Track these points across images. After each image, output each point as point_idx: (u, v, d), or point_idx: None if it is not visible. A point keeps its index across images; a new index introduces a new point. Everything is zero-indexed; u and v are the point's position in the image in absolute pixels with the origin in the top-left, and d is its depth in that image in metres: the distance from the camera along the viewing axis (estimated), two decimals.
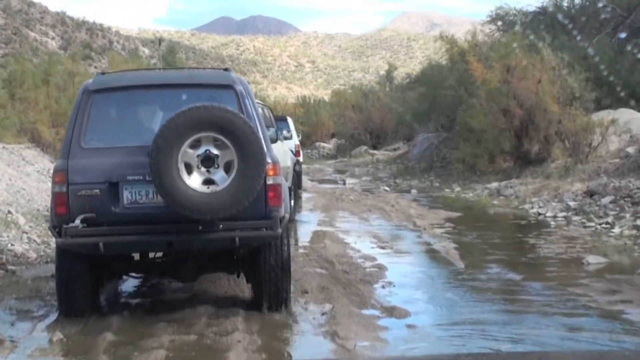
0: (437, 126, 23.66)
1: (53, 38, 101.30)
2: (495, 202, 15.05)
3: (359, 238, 10.58)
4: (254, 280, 6.15)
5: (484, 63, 19.80)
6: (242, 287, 7.06)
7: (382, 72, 57.35)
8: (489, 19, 32.02)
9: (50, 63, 21.59)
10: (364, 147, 36.38)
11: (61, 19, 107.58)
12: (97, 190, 5.43)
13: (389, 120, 37.25)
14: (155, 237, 5.47)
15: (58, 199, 5.48)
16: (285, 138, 12.97)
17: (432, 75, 26.22)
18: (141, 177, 5.43)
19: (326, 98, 66.63)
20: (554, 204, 13.53)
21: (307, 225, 12.21)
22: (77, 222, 5.33)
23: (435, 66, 27.40)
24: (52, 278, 7.60)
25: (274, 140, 9.81)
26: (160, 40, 25.96)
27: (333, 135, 45.88)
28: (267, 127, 10.01)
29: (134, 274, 6.71)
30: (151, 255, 6.49)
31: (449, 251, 9.23)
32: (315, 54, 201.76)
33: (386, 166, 28.04)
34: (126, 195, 5.48)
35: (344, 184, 21.77)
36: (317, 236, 10.71)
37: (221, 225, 5.40)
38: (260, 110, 12.20)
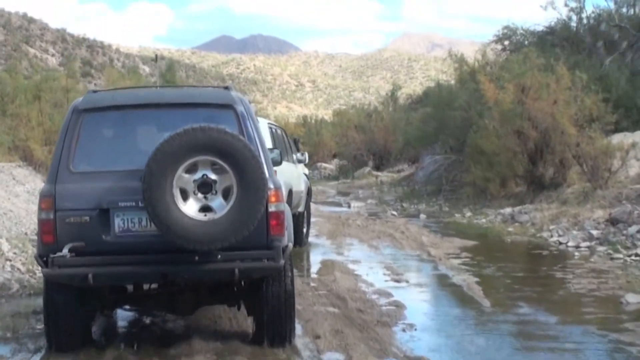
0: (446, 148, 22.86)
1: (53, 55, 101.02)
2: (510, 229, 14.26)
3: (371, 269, 9.78)
4: (255, 313, 5.78)
5: (496, 83, 19.09)
6: (244, 327, 6.34)
7: (384, 92, 56.85)
8: (495, 38, 31.37)
9: (44, 78, 20.82)
10: (367, 168, 35.66)
11: (61, 36, 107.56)
12: (87, 217, 5.11)
13: (393, 141, 36.57)
14: (149, 268, 5.10)
15: (45, 226, 5.14)
16: (299, 161, 12.33)
17: (440, 95, 25.47)
18: (134, 204, 5.09)
19: (327, 118, 66.04)
20: (574, 232, 12.74)
21: (313, 253, 11.44)
22: (65, 251, 4.99)
23: (444, 86, 26.64)
24: (33, 315, 6.96)
25: (277, 163, 9.35)
26: (157, 56, 25.34)
27: (335, 156, 45.18)
28: (274, 149, 9.44)
29: (127, 307, 6.27)
30: (146, 286, 5.99)
31: (470, 286, 8.43)
32: (315, 73, 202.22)
33: (391, 188, 27.24)
34: (117, 223, 5.13)
35: (349, 207, 21.03)
36: (325, 267, 9.93)
37: (219, 256, 5.05)
38: (278, 132, 11.82)
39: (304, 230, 12.08)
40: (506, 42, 30.79)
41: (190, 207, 4.93)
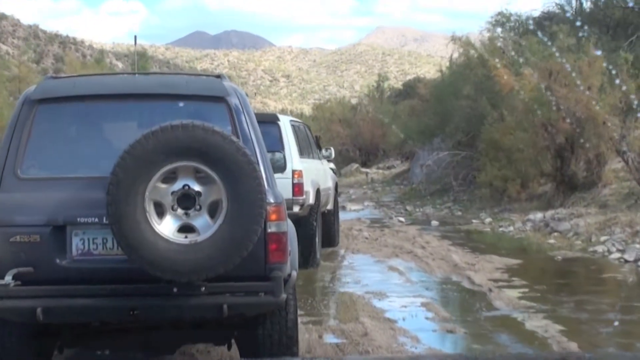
0: (453, 142, 20.54)
1: (25, 52, 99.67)
2: (551, 240, 11.94)
3: (406, 308, 7.35)
4: (248, 355, 4.88)
5: (510, 69, 16.79)
6: None
7: (359, 86, 55.07)
8: (489, 25, 29.52)
9: None
10: (355, 165, 33.36)
11: (34, 32, 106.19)
12: (37, 236, 4.32)
13: (381, 135, 34.33)
14: (113, 301, 4.27)
15: None
16: (325, 157, 11.66)
17: (443, 84, 23.14)
18: (97, 220, 4.28)
19: (303, 112, 64.24)
20: (637, 246, 10.44)
21: (322, 280, 9.00)
22: (8, 278, 4.20)
23: (448, 74, 24.22)
24: None
25: (281, 168, 7.86)
26: (136, 37, 23.01)
27: None
28: (276, 152, 8.40)
29: (91, 344, 5.07)
30: None
31: (559, 340, 6.01)
32: (289, 68, 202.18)
33: (385, 187, 24.93)
34: (76, 244, 4.35)
35: (344, 209, 18.67)
36: (345, 306, 7.51)
37: (203, 288, 4.20)
38: (301, 128, 10.25)
39: (336, 227, 11.58)
40: (499, 29, 28.99)
41: (166, 226, 4.10)
